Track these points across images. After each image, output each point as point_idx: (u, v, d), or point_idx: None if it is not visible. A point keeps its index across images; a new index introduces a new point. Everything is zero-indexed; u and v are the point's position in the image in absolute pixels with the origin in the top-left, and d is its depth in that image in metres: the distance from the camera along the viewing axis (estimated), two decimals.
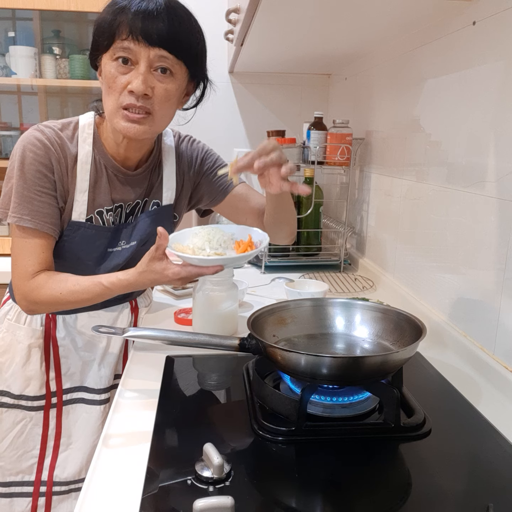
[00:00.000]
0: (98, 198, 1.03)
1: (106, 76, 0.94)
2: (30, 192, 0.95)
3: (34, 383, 1.12)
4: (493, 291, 0.98)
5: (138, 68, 0.91)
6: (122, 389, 0.91)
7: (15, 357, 1.11)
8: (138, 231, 1.10)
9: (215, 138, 2.30)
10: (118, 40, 0.91)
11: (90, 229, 1.03)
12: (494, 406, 0.88)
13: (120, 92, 0.93)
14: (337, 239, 1.87)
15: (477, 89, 1.04)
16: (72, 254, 1.04)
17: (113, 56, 0.92)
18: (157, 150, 1.11)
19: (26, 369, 1.11)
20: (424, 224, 1.29)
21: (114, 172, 1.04)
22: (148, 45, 0.90)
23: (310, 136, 1.71)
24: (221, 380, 0.97)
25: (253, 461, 0.71)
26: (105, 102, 0.97)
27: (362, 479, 0.68)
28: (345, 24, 1.28)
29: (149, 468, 0.68)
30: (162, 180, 1.12)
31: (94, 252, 1.05)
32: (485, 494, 0.65)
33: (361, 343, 0.94)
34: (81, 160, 1.00)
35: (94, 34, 0.95)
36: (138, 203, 1.10)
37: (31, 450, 1.13)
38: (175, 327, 1.20)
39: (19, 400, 1.12)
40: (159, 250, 0.93)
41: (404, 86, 1.42)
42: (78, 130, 1.02)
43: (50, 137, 0.97)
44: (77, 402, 1.17)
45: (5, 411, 1.12)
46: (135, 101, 0.92)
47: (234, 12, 1.43)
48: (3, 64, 2.04)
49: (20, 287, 0.98)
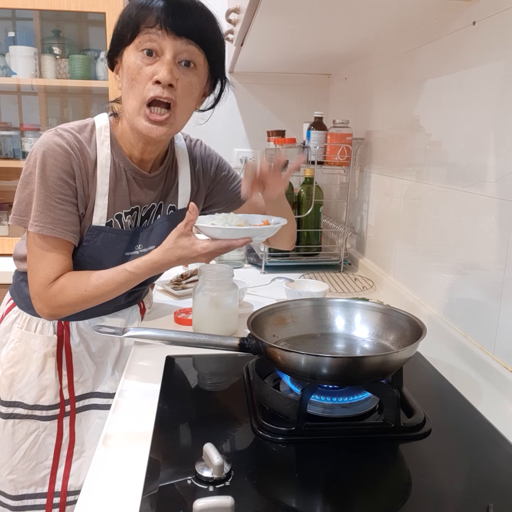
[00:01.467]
0: (118, 201, 1.02)
1: (130, 67, 0.92)
2: (52, 200, 0.93)
3: (50, 392, 1.09)
4: (493, 291, 0.98)
5: (164, 58, 0.91)
6: (122, 389, 0.91)
7: (30, 366, 1.08)
8: (156, 235, 1.09)
9: (215, 138, 2.30)
10: (145, 29, 0.90)
11: (111, 233, 1.02)
12: (494, 406, 0.88)
13: (145, 84, 0.91)
14: (337, 239, 1.87)
15: (477, 89, 1.04)
16: (93, 259, 1.03)
17: (138, 47, 0.91)
18: (171, 153, 1.12)
19: (41, 378, 1.08)
20: (424, 224, 1.29)
21: (132, 174, 1.03)
22: (175, 35, 0.90)
23: (310, 136, 1.71)
24: (221, 380, 0.97)
25: (253, 461, 0.71)
26: (127, 98, 0.95)
27: (362, 479, 0.68)
28: (345, 24, 1.28)
29: (149, 468, 0.68)
30: (178, 184, 1.12)
31: (114, 256, 1.05)
32: (485, 494, 0.65)
33: (361, 343, 0.94)
34: (100, 163, 0.99)
35: (117, 28, 0.94)
36: (154, 206, 1.09)
37: (44, 461, 1.11)
38: (175, 327, 1.20)
39: (33, 411, 1.09)
40: (188, 226, 0.93)
41: (404, 86, 1.42)
42: (95, 133, 1.00)
43: (70, 142, 0.95)
44: (90, 409, 1.15)
45: (17, 422, 1.09)
46: (160, 92, 0.91)
47: (234, 12, 1.43)
48: (3, 64, 2.04)
49: (42, 294, 0.96)
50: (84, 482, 0.66)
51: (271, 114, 2.27)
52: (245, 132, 2.27)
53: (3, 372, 1.09)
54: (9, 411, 1.09)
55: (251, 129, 2.27)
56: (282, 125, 2.19)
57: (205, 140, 1.27)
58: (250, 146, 2.27)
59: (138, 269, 0.96)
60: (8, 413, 1.09)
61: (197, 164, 1.16)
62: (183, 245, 0.94)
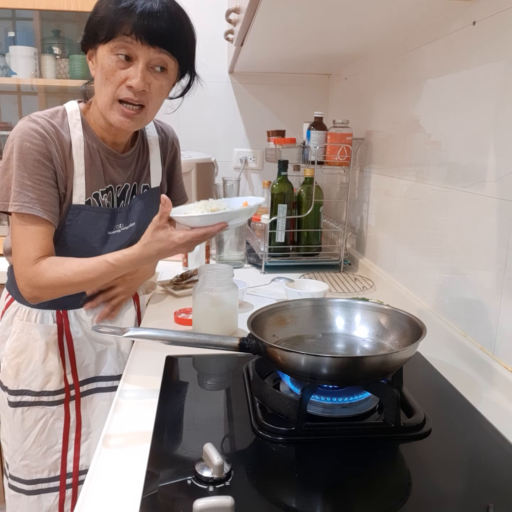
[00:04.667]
0: (94, 180, 1.06)
1: (105, 68, 0.97)
2: (30, 181, 0.96)
3: (54, 378, 1.13)
4: (493, 291, 0.98)
5: (138, 65, 0.96)
6: (122, 389, 0.91)
7: (34, 355, 1.12)
8: (134, 213, 1.14)
9: (215, 138, 2.30)
10: (121, 35, 0.94)
11: (91, 211, 1.06)
12: (494, 406, 0.88)
13: (118, 86, 0.97)
14: (337, 239, 1.87)
15: (477, 89, 1.04)
16: (77, 237, 1.06)
17: (113, 51, 0.95)
18: (141, 135, 1.17)
19: (45, 365, 1.12)
20: (424, 224, 1.29)
21: (106, 155, 1.08)
22: (149, 44, 0.94)
23: (310, 136, 1.71)
24: (221, 380, 0.97)
25: (253, 461, 0.71)
26: (100, 92, 1.00)
27: (362, 479, 0.68)
28: (345, 24, 1.28)
29: (149, 468, 0.68)
30: (149, 165, 1.18)
31: (97, 234, 1.09)
32: (485, 494, 0.65)
33: (361, 343, 0.94)
34: (75, 145, 1.03)
35: (94, 24, 0.98)
36: (127, 187, 1.14)
37: (54, 445, 1.15)
38: (175, 327, 1.20)
39: (40, 397, 1.13)
40: (162, 219, 0.95)
41: (404, 86, 1.42)
42: (67, 117, 1.04)
43: (45, 126, 0.99)
44: (93, 393, 1.19)
45: (26, 410, 1.12)
46: (132, 96, 0.97)
47: (234, 12, 1.43)
48: (3, 64, 2.04)
49: (23, 273, 0.98)
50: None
51: (271, 114, 2.27)
52: (245, 132, 2.27)
53: (8, 363, 1.13)
54: (17, 400, 1.12)
55: (251, 129, 2.27)
56: (282, 125, 2.19)
57: (205, 140, 1.27)
58: (250, 146, 2.27)
59: (119, 262, 0.98)
60: (17, 401, 1.12)
61: (163, 146, 1.22)
62: (160, 237, 0.95)
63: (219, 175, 2.08)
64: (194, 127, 2.19)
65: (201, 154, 1.95)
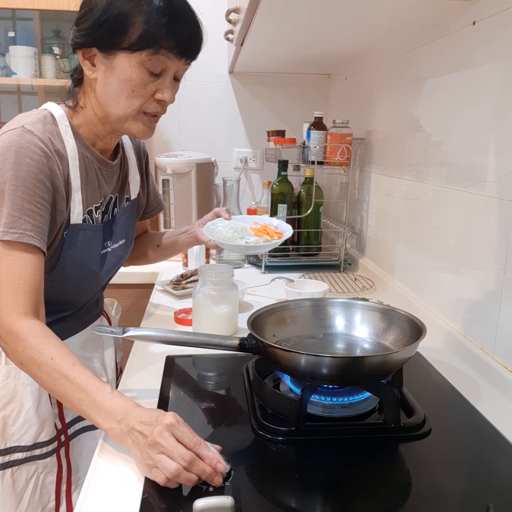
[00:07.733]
0: (89, 195, 0.97)
1: (133, 80, 0.88)
2: (31, 204, 0.82)
3: (48, 424, 0.98)
4: (493, 291, 0.98)
5: (166, 77, 0.91)
6: (122, 389, 0.91)
7: (25, 403, 0.95)
8: (121, 228, 1.07)
9: (215, 138, 2.31)
10: (161, 50, 0.86)
11: (88, 229, 0.97)
12: (494, 406, 0.88)
13: (147, 99, 0.91)
14: (337, 239, 1.87)
15: (477, 89, 1.04)
16: (76, 262, 0.96)
17: (145, 63, 0.87)
18: (121, 142, 1.09)
19: (39, 412, 0.97)
20: (424, 224, 1.29)
21: (98, 165, 0.98)
22: (180, 57, 0.90)
23: (310, 136, 1.71)
24: (221, 380, 0.97)
25: (253, 461, 0.71)
26: (118, 102, 0.90)
27: (362, 479, 0.68)
28: (345, 24, 1.28)
29: None
30: (128, 174, 1.11)
31: (94, 255, 0.99)
32: (485, 494, 0.65)
33: (361, 343, 0.94)
34: (70, 156, 0.91)
35: (113, 25, 0.85)
36: (111, 199, 1.05)
37: (47, 504, 1.01)
38: (175, 327, 1.20)
39: (33, 451, 0.97)
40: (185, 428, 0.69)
41: (404, 86, 1.42)
42: (57, 124, 0.92)
43: (43, 138, 0.86)
44: (80, 433, 1.07)
45: (15, 470, 0.96)
46: (161, 110, 0.93)
47: (234, 12, 1.43)
48: (3, 64, 2.04)
49: (1, 318, 0.79)
50: None
51: (271, 114, 2.27)
52: (245, 132, 2.27)
53: None
54: (6, 460, 0.95)
55: (251, 129, 2.27)
56: (282, 125, 2.18)
57: (205, 140, 1.27)
58: (250, 146, 2.27)
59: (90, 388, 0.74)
60: (5, 462, 0.95)
61: (138, 153, 1.16)
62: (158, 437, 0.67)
63: (219, 175, 2.07)
64: (194, 127, 2.19)
65: (201, 154, 1.96)
